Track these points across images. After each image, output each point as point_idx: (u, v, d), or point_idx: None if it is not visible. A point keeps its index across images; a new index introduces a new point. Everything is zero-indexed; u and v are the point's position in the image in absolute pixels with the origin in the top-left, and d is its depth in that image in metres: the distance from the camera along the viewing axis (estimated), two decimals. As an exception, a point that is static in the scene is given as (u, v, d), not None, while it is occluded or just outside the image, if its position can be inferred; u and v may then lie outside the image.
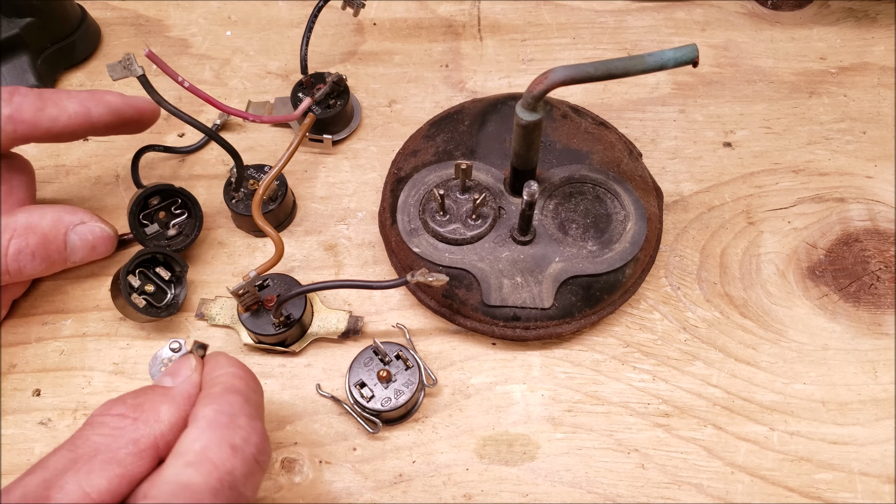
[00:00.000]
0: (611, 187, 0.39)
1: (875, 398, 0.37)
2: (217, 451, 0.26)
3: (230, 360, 0.31)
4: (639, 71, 0.31)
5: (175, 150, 0.44)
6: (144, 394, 0.29)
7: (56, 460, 0.26)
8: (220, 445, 0.26)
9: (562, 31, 0.50)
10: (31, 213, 0.35)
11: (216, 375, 0.30)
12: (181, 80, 0.37)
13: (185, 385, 0.30)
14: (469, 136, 0.41)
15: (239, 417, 0.28)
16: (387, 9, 0.51)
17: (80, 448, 0.27)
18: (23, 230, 0.34)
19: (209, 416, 0.27)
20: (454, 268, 0.37)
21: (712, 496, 0.35)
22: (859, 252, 0.41)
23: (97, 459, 0.26)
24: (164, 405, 0.28)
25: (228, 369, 0.30)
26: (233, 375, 0.30)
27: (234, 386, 0.29)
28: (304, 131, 0.42)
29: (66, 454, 0.26)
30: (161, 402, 0.28)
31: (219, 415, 0.27)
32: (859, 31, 0.49)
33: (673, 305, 0.40)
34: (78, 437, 0.27)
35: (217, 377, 0.30)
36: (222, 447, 0.26)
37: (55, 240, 0.35)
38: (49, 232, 0.35)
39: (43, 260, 0.35)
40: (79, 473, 0.26)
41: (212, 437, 0.26)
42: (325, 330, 0.38)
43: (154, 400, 0.29)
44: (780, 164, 0.44)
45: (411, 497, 0.35)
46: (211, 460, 0.26)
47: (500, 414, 0.37)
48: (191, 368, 0.30)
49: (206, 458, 0.26)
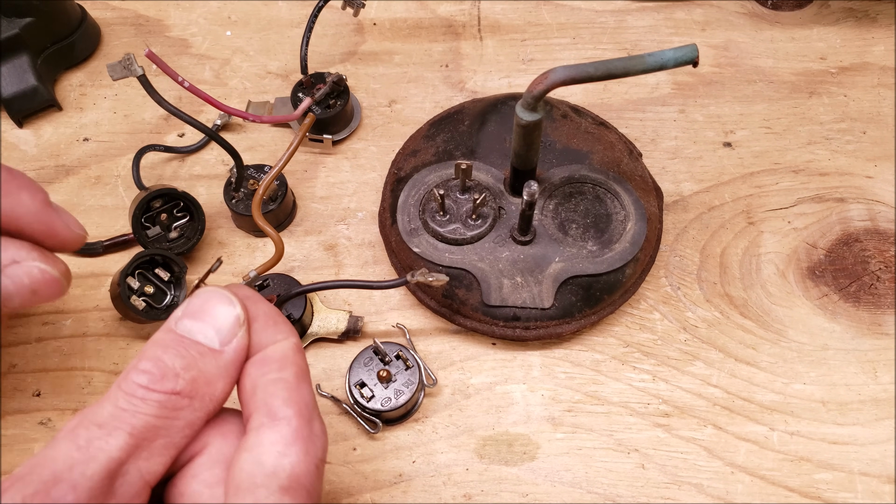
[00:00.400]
0: (611, 187, 0.39)
1: (875, 398, 0.37)
2: (306, 472, 0.24)
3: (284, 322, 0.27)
4: (639, 71, 0.31)
5: (175, 150, 0.44)
6: (195, 364, 0.25)
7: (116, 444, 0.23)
8: (309, 466, 0.24)
9: (562, 31, 0.50)
10: None
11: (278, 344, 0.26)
12: (181, 80, 0.37)
13: (238, 352, 0.25)
14: (469, 136, 0.41)
15: (315, 422, 0.25)
16: (387, 9, 0.51)
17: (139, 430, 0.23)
18: None
19: (293, 424, 0.24)
20: (454, 268, 0.37)
21: (712, 496, 0.35)
22: (859, 252, 0.41)
23: (157, 445, 0.24)
24: (220, 381, 0.25)
25: (291, 338, 0.26)
26: (295, 349, 0.26)
27: (304, 369, 0.26)
28: (304, 131, 0.42)
29: (126, 438, 0.23)
30: (216, 378, 0.25)
31: (301, 421, 0.24)
32: (859, 31, 0.49)
33: (673, 305, 0.40)
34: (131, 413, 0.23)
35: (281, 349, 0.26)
36: (310, 467, 0.24)
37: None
38: None
39: None
40: (139, 460, 0.23)
41: (301, 455, 0.24)
42: (325, 330, 0.38)
43: (208, 375, 0.25)
44: (780, 164, 0.44)
45: (411, 497, 0.35)
46: (304, 487, 0.24)
47: (500, 414, 0.37)
48: (238, 324, 0.26)
49: (299, 483, 0.24)
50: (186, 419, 0.24)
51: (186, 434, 0.24)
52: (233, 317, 0.26)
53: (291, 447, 0.24)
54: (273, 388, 0.25)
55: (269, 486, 0.23)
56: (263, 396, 0.25)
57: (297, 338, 0.26)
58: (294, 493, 0.23)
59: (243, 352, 0.26)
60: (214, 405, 0.25)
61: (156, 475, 0.24)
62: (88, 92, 0.48)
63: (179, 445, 0.24)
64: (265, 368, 0.25)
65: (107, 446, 0.23)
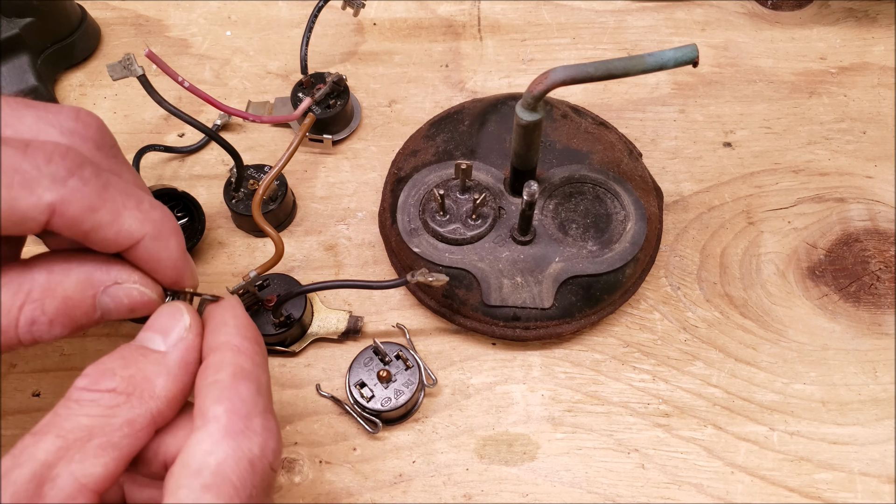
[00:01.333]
0: (611, 187, 0.39)
1: (875, 398, 0.37)
2: (236, 468, 0.23)
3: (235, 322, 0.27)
4: (639, 71, 0.31)
5: (175, 150, 0.44)
6: (134, 362, 0.26)
7: (44, 448, 0.23)
8: (239, 461, 0.24)
9: (562, 31, 0.50)
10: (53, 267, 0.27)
11: (220, 345, 0.26)
12: (181, 80, 0.37)
13: (181, 352, 0.26)
14: (469, 136, 0.41)
15: (254, 418, 0.25)
16: (387, 9, 0.51)
17: (69, 432, 0.24)
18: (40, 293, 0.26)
19: (222, 421, 0.24)
20: (454, 268, 0.37)
21: (712, 496, 0.35)
22: (859, 252, 0.41)
23: (91, 445, 0.23)
24: (160, 378, 0.25)
25: (234, 340, 0.26)
26: (238, 351, 0.26)
27: (243, 369, 0.26)
28: (304, 131, 0.42)
29: (55, 441, 0.23)
30: (156, 375, 0.25)
31: (233, 418, 0.24)
32: (859, 31, 0.49)
33: (673, 305, 0.40)
34: (64, 417, 0.24)
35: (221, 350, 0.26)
36: (241, 463, 0.24)
37: (81, 304, 0.27)
38: (73, 295, 0.26)
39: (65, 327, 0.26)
40: (72, 463, 0.23)
41: (228, 451, 0.24)
42: (325, 330, 0.38)
43: (147, 372, 0.25)
44: (780, 164, 0.44)
45: (411, 497, 0.35)
46: (230, 482, 0.23)
47: (500, 414, 0.37)
48: (185, 328, 0.26)
49: (225, 479, 0.23)
50: (124, 417, 0.24)
51: (126, 433, 0.24)
52: (179, 323, 0.27)
53: (219, 444, 0.24)
54: (207, 391, 0.25)
55: (191, 485, 0.23)
56: (200, 400, 0.25)
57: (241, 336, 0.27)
58: (217, 491, 0.23)
59: (190, 352, 0.26)
60: (157, 403, 0.25)
61: (95, 477, 0.23)
62: (88, 92, 0.48)
63: (121, 445, 0.24)
64: (204, 374, 0.26)
65: (35, 452, 0.23)
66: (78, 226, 0.25)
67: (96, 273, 0.27)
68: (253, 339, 0.27)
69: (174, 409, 0.26)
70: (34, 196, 0.24)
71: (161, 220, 0.27)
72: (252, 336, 0.27)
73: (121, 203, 0.26)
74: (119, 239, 0.26)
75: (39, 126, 0.27)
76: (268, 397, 0.26)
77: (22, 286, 0.26)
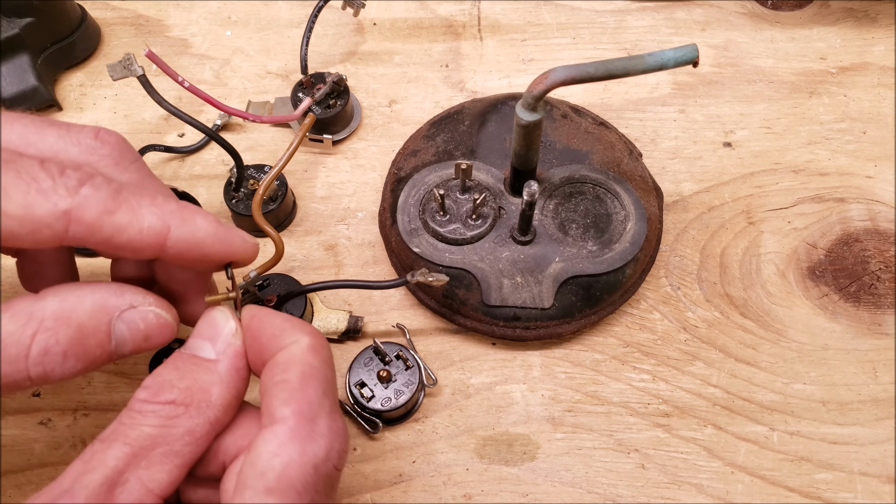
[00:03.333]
0: (611, 187, 0.39)
1: (875, 398, 0.37)
2: (300, 472, 0.24)
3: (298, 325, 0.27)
4: (639, 71, 0.31)
5: (175, 150, 0.44)
6: (189, 373, 0.26)
7: (114, 455, 0.24)
8: (304, 465, 0.24)
9: (562, 31, 0.50)
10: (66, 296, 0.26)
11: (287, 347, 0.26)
12: (181, 80, 0.37)
13: (230, 359, 0.27)
14: (469, 136, 0.41)
15: (320, 421, 0.25)
16: (387, 9, 0.51)
17: (135, 440, 0.24)
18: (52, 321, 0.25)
19: (290, 423, 0.24)
20: (454, 268, 0.37)
21: (712, 496, 0.35)
22: (859, 252, 0.41)
23: (156, 453, 0.24)
24: (214, 386, 0.26)
25: (303, 339, 0.26)
26: (309, 349, 0.26)
27: (313, 368, 0.25)
28: (304, 131, 0.42)
29: (123, 448, 0.24)
30: (210, 384, 0.26)
31: (300, 420, 0.24)
32: (859, 31, 0.49)
33: (673, 305, 0.40)
34: (129, 426, 0.25)
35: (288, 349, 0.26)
36: (305, 468, 0.24)
37: (95, 332, 0.26)
38: (87, 322, 0.26)
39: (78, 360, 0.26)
40: (139, 469, 0.24)
41: (294, 454, 0.24)
42: (325, 330, 0.38)
43: (202, 381, 0.26)
44: (780, 164, 0.44)
45: (411, 497, 0.35)
46: (294, 487, 0.23)
47: (500, 414, 0.37)
48: (231, 333, 0.27)
49: (288, 483, 0.23)
50: (184, 426, 0.25)
51: (187, 441, 0.25)
52: (226, 328, 0.27)
53: (285, 447, 0.24)
54: (275, 391, 0.25)
55: (256, 486, 0.23)
56: (267, 400, 0.25)
57: (310, 338, 0.26)
58: (280, 494, 0.23)
59: (239, 358, 0.27)
60: (214, 411, 0.26)
61: (161, 483, 0.24)
62: (88, 92, 0.48)
63: (183, 453, 0.25)
64: (272, 373, 0.26)
65: (105, 458, 0.24)
66: (98, 231, 0.25)
67: (111, 298, 0.26)
68: (319, 336, 0.27)
69: (230, 414, 0.26)
70: (50, 203, 0.24)
71: (179, 207, 0.27)
72: (313, 331, 0.27)
73: (135, 202, 0.26)
74: (144, 237, 0.26)
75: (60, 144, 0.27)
76: (334, 397, 0.26)
77: (34, 314, 0.25)
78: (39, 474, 0.35)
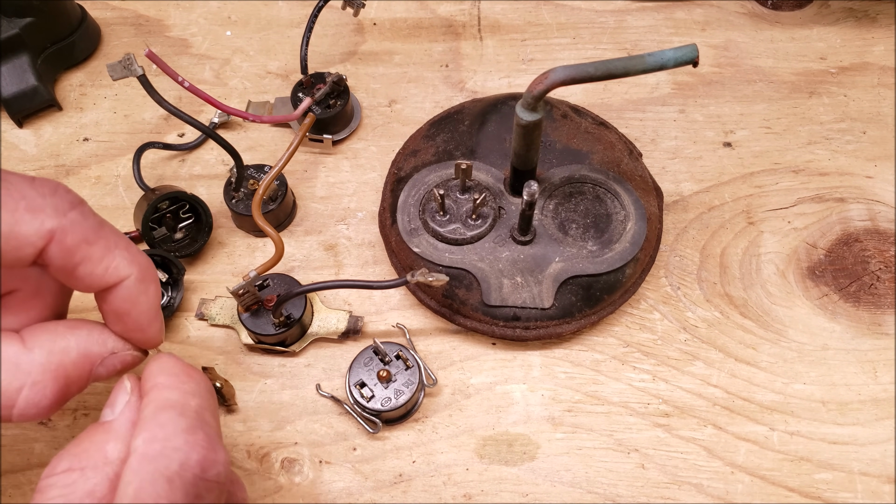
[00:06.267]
0: (611, 187, 0.39)
1: (875, 398, 0.37)
2: (152, 489, 0.24)
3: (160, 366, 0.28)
4: (639, 71, 0.31)
5: (175, 147, 0.44)
6: (87, 438, 0.27)
7: None
8: (155, 482, 0.24)
9: (562, 31, 0.50)
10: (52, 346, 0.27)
11: (147, 390, 0.27)
12: (181, 80, 0.37)
13: (125, 414, 0.27)
14: (469, 136, 0.41)
15: (173, 439, 0.25)
16: (387, 9, 0.51)
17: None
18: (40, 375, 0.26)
19: (140, 449, 0.25)
20: (454, 268, 0.37)
21: (712, 496, 0.35)
22: (859, 252, 0.41)
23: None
24: (109, 443, 0.26)
25: (158, 379, 0.27)
26: (164, 387, 0.27)
27: (167, 400, 0.26)
28: (304, 131, 0.42)
29: None
30: (105, 442, 0.26)
31: (149, 444, 0.25)
32: (859, 31, 0.49)
33: (673, 305, 0.40)
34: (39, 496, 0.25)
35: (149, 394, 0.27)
36: (157, 483, 0.24)
37: (78, 380, 0.27)
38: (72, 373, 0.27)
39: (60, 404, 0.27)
40: None
41: (144, 475, 0.24)
42: (325, 330, 0.38)
43: (97, 441, 0.26)
44: (780, 164, 0.44)
45: (411, 497, 0.35)
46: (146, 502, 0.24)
47: (500, 414, 0.37)
48: (127, 393, 0.27)
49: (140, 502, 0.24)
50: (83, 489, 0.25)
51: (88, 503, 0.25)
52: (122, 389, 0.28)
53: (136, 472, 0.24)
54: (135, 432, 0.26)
55: None
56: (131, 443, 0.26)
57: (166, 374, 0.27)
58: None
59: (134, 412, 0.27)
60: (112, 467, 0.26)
61: None
62: (88, 92, 0.48)
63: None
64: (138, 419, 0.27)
65: None
66: (71, 256, 0.26)
67: (94, 347, 0.28)
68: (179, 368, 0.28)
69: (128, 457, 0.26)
70: (37, 221, 0.25)
71: (147, 266, 0.28)
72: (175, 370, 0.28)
73: (113, 242, 0.27)
74: (106, 275, 0.27)
75: None
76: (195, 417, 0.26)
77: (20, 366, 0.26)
78: (39, 474, 0.35)
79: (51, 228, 0.25)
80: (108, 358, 0.28)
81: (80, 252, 0.26)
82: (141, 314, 0.28)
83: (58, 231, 0.25)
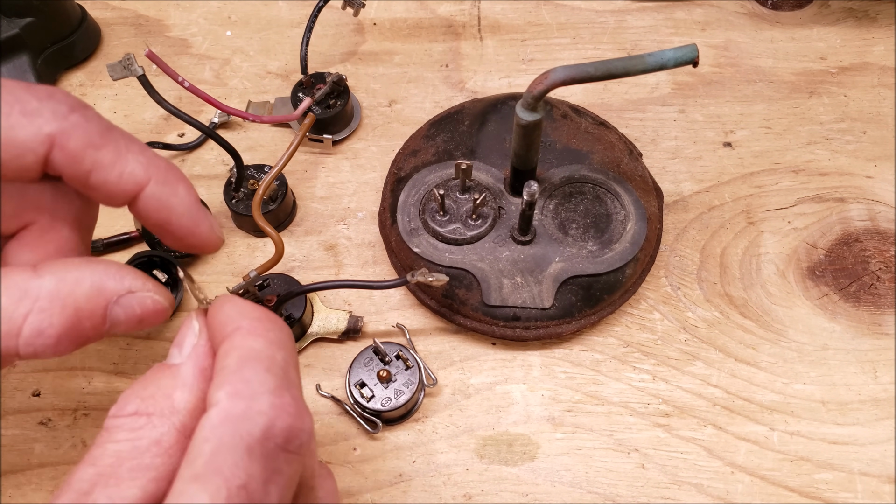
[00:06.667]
0: (611, 187, 0.39)
1: (875, 398, 0.37)
2: (229, 457, 0.22)
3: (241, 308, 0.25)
4: (639, 71, 0.31)
5: (174, 147, 0.44)
6: (153, 381, 0.25)
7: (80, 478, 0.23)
8: (234, 448, 0.22)
9: (562, 31, 0.50)
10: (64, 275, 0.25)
11: (229, 334, 0.25)
12: (181, 80, 0.37)
13: (193, 360, 0.25)
14: (469, 136, 0.41)
15: (258, 399, 0.23)
16: (387, 9, 0.51)
17: (101, 460, 0.23)
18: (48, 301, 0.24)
19: (222, 405, 0.23)
20: (454, 268, 0.37)
21: (712, 496, 0.35)
22: (859, 252, 0.41)
23: (125, 469, 0.23)
24: (177, 391, 0.24)
25: (242, 322, 0.25)
26: (248, 332, 0.25)
27: (251, 350, 0.24)
28: (304, 131, 0.42)
29: (89, 469, 0.23)
30: (172, 388, 0.24)
31: (233, 401, 0.23)
32: (859, 31, 0.49)
33: (673, 305, 0.40)
34: (97, 447, 0.24)
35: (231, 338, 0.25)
36: (236, 451, 0.22)
37: (91, 316, 0.25)
38: (84, 305, 0.25)
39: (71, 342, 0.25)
40: (108, 488, 0.22)
41: (224, 437, 0.22)
42: (325, 330, 0.38)
43: (164, 387, 0.24)
44: (780, 164, 0.44)
45: (411, 497, 0.35)
46: (221, 472, 0.22)
47: (500, 414, 0.37)
48: (195, 334, 0.26)
49: (215, 468, 0.22)
50: (150, 437, 0.24)
51: (156, 452, 0.23)
52: (190, 330, 0.26)
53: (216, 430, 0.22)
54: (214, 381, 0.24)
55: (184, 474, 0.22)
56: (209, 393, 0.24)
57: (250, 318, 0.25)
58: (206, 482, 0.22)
59: (204, 358, 0.25)
60: (180, 417, 0.24)
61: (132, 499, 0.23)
62: (88, 92, 0.48)
63: (154, 466, 0.23)
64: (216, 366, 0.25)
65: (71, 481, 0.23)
66: (79, 163, 0.24)
67: (109, 282, 0.25)
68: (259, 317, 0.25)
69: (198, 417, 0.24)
70: (34, 126, 0.23)
71: (166, 167, 0.26)
72: (258, 315, 0.26)
73: (124, 146, 0.25)
74: (122, 182, 0.25)
75: None
76: (285, 373, 0.24)
77: (28, 292, 0.24)
78: (39, 474, 0.35)
79: (50, 133, 0.23)
80: (125, 297, 0.26)
81: (88, 158, 0.24)
82: (181, 217, 0.26)
83: (58, 135, 0.23)
